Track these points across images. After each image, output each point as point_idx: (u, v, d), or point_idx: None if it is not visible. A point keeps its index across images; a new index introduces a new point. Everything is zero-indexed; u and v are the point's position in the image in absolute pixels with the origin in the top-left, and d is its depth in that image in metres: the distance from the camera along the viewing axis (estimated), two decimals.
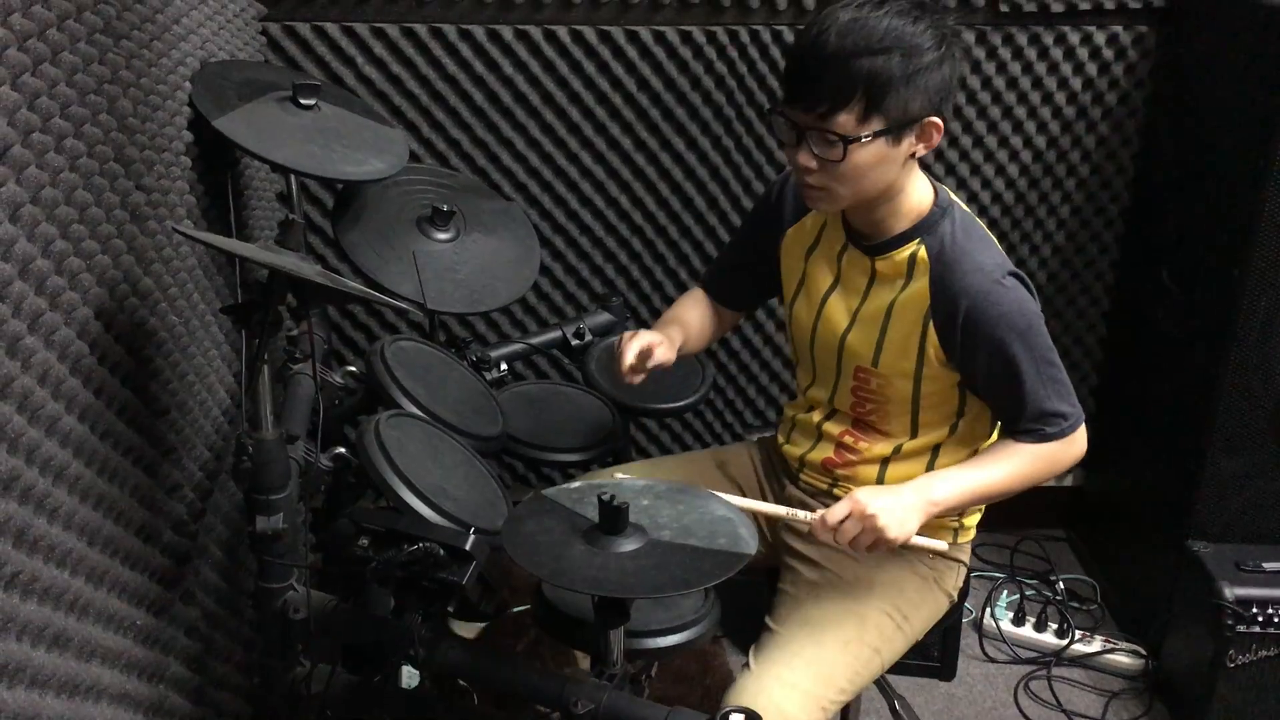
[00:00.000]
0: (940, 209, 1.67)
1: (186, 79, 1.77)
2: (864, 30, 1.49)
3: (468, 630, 1.58)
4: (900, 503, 1.59)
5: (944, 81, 1.55)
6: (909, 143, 1.57)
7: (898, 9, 1.52)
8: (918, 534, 1.60)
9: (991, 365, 1.63)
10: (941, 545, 1.66)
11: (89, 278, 1.32)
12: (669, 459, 2.20)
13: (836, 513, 1.58)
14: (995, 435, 1.78)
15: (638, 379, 1.81)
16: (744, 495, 1.95)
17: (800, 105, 1.55)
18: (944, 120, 1.57)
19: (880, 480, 1.79)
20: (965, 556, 1.88)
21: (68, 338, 1.25)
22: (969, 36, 2.50)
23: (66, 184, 1.27)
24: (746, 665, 1.69)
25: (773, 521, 1.93)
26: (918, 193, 1.66)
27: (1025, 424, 1.67)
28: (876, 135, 1.53)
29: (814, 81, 1.52)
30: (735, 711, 1.40)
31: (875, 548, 1.59)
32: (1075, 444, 1.69)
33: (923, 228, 1.66)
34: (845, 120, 1.52)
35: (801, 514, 1.64)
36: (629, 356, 1.78)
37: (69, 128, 1.28)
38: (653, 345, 1.80)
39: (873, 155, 1.55)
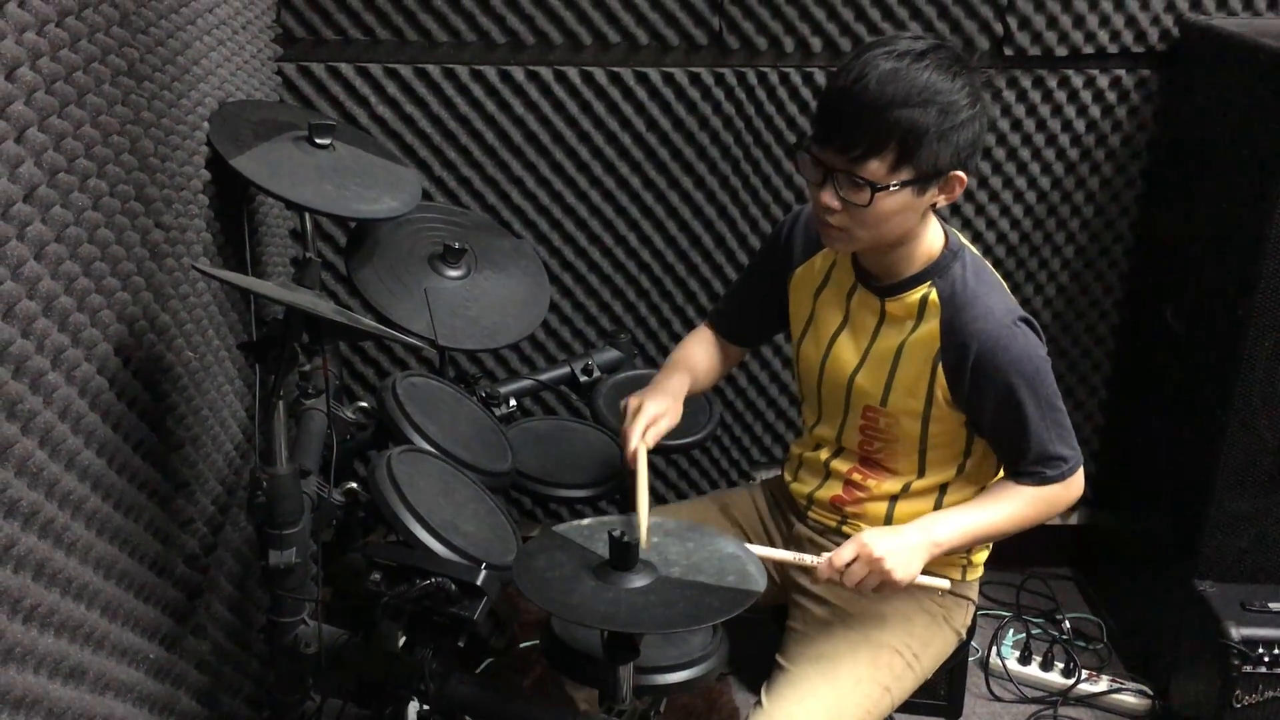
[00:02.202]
0: (951, 252, 1.69)
1: (205, 119, 1.80)
2: (904, 82, 1.51)
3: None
4: (905, 544, 1.62)
5: (974, 138, 1.57)
6: (932, 193, 1.59)
7: (938, 62, 1.53)
8: (921, 574, 1.63)
9: (998, 408, 1.65)
10: (944, 583, 1.67)
11: (109, 314, 1.35)
12: (670, 506, 2.21)
13: (843, 555, 1.60)
14: (1000, 474, 1.80)
15: (640, 475, 1.71)
16: (748, 538, 1.96)
17: (832, 147, 1.56)
18: (969, 174, 1.59)
19: (889, 517, 1.80)
20: (974, 594, 1.88)
21: (88, 373, 1.27)
22: None
23: (89, 222, 1.30)
24: (758, 703, 1.69)
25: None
26: (930, 237, 1.69)
27: (1027, 466, 1.70)
28: (904, 184, 1.55)
29: (850, 126, 1.53)
30: None
31: (881, 590, 1.61)
32: (1074, 486, 1.72)
33: (934, 270, 1.68)
34: (876, 167, 1.53)
35: (808, 558, 1.65)
36: (633, 442, 1.72)
37: (93, 168, 1.31)
38: (656, 418, 1.76)
39: (897, 203, 1.57)
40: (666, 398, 1.81)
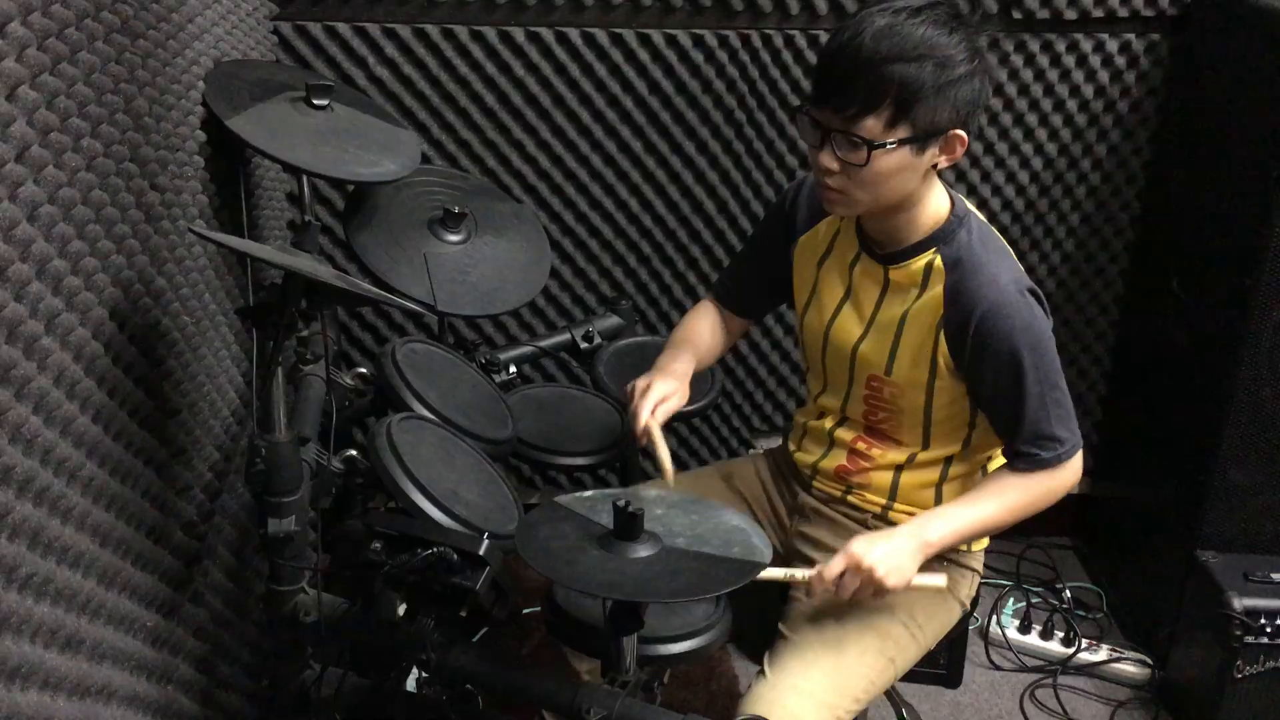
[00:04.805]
0: (957, 219, 1.66)
1: (200, 78, 1.76)
2: (899, 37, 1.49)
3: None
4: (896, 548, 1.60)
5: (973, 95, 1.54)
6: (932, 153, 1.56)
7: (934, 18, 1.51)
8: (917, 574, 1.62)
9: (997, 378, 1.63)
10: (940, 580, 1.65)
11: (104, 278, 1.32)
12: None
13: (834, 569, 1.59)
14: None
15: (659, 444, 1.74)
16: (751, 509, 1.95)
17: (828, 106, 1.54)
18: (969, 134, 1.56)
19: (894, 487, 1.78)
20: (978, 565, 1.87)
21: (83, 338, 1.25)
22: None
23: (83, 184, 1.27)
24: (761, 672, 1.68)
25: (785, 528, 1.93)
26: (935, 203, 1.66)
27: (1021, 444, 1.66)
28: (902, 143, 1.52)
29: (844, 83, 1.51)
30: (751, 719, 1.40)
31: (877, 597, 1.60)
32: (1069, 471, 1.68)
33: (939, 237, 1.65)
34: (872, 125, 1.51)
35: (799, 573, 1.63)
36: (642, 419, 1.73)
37: (86, 127, 1.28)
38: (665, 397, 1.76)
39: (895, 162, 1.54)
40: (673, 379, 1.80)
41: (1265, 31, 2.22)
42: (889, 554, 1.58)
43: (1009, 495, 1.68)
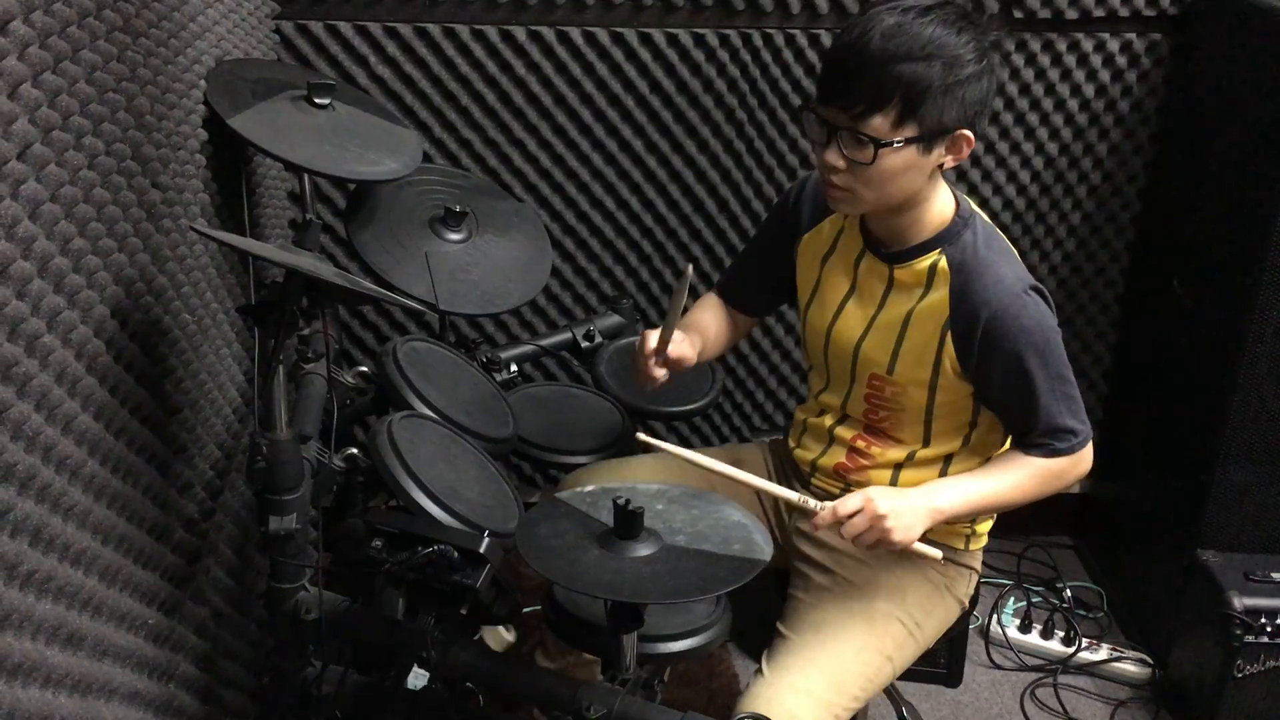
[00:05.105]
0: (962, 219, 1.66)
1: (201, 77, 1.77)
2: (907, 35, 1.49)
3: (495, 641, 1.58)
4: (909, 506, 1.60)
5: (981, 95, 1.54)
6: (939, 153, 1.56)
7: (943, 18, 1.51)
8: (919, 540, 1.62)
9: (1007, 378, 1.63)
10: (937, 553, 1.65)
11: (106, 276, 1.32)
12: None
13: (847, 505, 1.58)
14: (1006, 446, 1.78)
15: (660, 373, 1.76)
16: (755, 494, 1.94)
17: (835, 104, 1.54)
18: (976, 135, 1.57)
19: (893, 485, 1.78)
20: (977, 563, 1.88)
21: (85, 335, 1.25)
22: None
23: (85, 182, 1.27)
24: (759, 671, 1.69)
25: (783, 525, 1.93)
26: (940, 203, 1.66)
27: (1036, 438, 1.68)
28: (908, 142, 1.52)
29: (852, 81, 1.51)
30: (748, 718, 1.40)
31: (875, 548, 1.60)
32: (1082, 461, 1.70)
33: (944, 238, 1.65)
34: (879, 123, 1.51)
35: (813, 501, 1.63)
36: (651, 342, 1.74)
37: (88, 125, 1.28)
38: (671, 339, 1.78)
39: (901, 161, 1.54)
40: (682, 334, 1.81)
41: (1265, 31, 2.22)
42: (903, 511, 1.58)
43: (1021, 474, 1.68)
